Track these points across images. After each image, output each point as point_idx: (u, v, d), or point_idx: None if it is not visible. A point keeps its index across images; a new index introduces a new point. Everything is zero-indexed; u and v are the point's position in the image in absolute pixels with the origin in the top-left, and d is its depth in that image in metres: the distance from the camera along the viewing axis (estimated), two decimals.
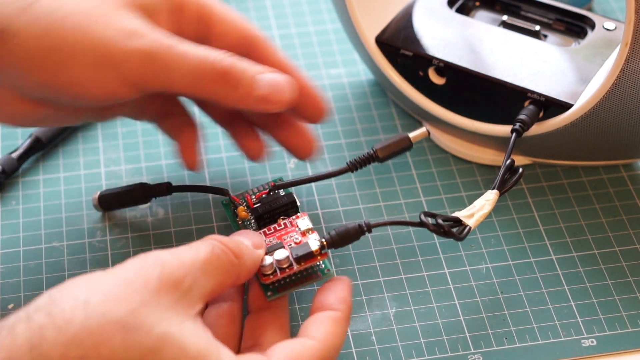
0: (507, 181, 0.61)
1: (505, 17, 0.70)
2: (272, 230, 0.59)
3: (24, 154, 0.69)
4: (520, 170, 0.61)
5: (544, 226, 0.65)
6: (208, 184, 0.68)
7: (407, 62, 0.68)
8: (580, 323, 0.59)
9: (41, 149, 0.70)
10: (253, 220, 0.61)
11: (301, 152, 0.64)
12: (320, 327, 0.53)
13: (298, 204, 0.61)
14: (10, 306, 0.61)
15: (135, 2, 0.58)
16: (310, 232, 0.58)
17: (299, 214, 0.59)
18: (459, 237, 0.57)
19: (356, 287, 0.62)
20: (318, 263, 0.57)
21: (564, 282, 0.62)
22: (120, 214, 0.66)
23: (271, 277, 0.55)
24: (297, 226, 0.59)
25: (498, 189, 0.60)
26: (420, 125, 0.71)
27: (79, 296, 0.47)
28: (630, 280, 0.62)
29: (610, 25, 0.68)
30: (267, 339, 0.54)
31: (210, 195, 0.67)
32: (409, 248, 0.64)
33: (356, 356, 0.58)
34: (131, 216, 0.66)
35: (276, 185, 0.62)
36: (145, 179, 0.68)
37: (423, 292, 0.61)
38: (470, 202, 0.66)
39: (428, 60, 0.67)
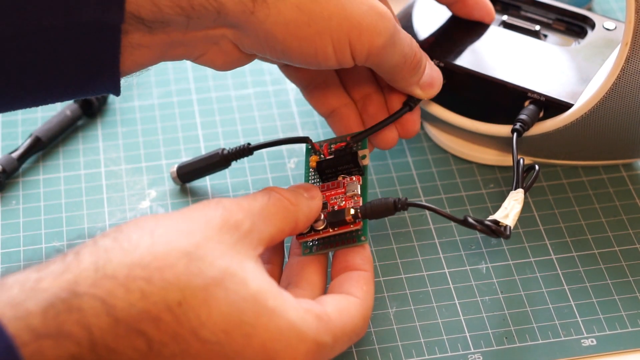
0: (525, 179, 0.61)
1: (505, 17, 0.70)
2: (325, 188, 0.60)
3: (24, 153, 0.69)
4: (537, 167, 0.60)
5: (544, 226, 0.65)
6: (208, 186, 0.68)
7: None
8: (580, 323, 0.59)
9: (41, 149, 0.70)
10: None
11: (384, 143, 0.65)
12: (357, 286, 0.55)
13: (362, 164, 0.62)
14: None
15: None
16: (355, 197, 0.59)
17: (353, 177, 0.60)
18: (506, 235, 0.57)
19: None
20: (352, 229, 0.58)
21: (563, 281, 0.62)
22: (120, 214, 0.66)
23: (306, 236, 0.57)
24: (346, 187, 0.60)
25: (522, 188, 0.60)
26: (421, 125, 0.71)
27: (145, 227, 0.49)
28: (630, 280, 0.62)
29: (610, 25, 0.68)
30: (304, 277, 0.56)
31: (211, 196, 0.67)
32: (409, 248, 0.64)
33: (356, 356, 0.58)
34: (131, 216, 0.66)
35: (353, 138, 0.63)
36: (146, 178, 0.68)
37: (423, 292, 0.61)
38: (471, 202, 0.66)
39: None
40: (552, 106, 0.64)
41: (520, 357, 0.58)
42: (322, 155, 0.62)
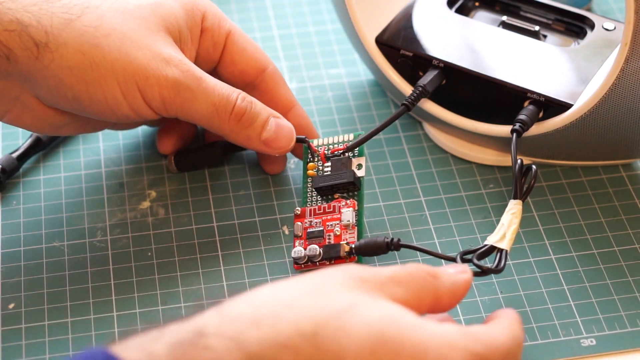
0: (523, 184, 0.61)
1: (505, 18, 0.70)
2: (322, 211, 0.62)
3: (25, 153, 0.69)
4: (534, 168, 0.60)
5: (543, 226, 0.65)
6: (208, 187, 0.68)
7: (407, 62, 0.68)
8: (580, 323, 0.59)
9: (42, 149, 0.70)
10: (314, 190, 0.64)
11: (270, 169, 0.68)
12: (504, 322, 0.51)
13: (357, 175, 0.62)
14: (10, 306, 0.61)
15: (167, 28, 0.61)
16: (351, 227, 0.61)
17: (348, 202, 0.61)
18: (498, 270, 0.57)
19: None
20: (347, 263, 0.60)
21: (563, 281, 0.62)
22: (121, 214, 0.66)
23: (302, 266, 0.61)
24: (342, 215, 0.61)
25: (519, 198, 0.60)
26: (421, 125, 0.72)
27: (262, 287, 0.48)
28: (629, 279, 0.62)
29: (609, 25, 0.68)
30: None
31: (211, 196, 0.67)
32: None
33: None
34: (131, 216, 0.66)
35: (348, 147, 0.64)
36: (146, 178, 0.68)
37: None
38: (470, 202, 0.66)
39: (428, 60, 0.67)
40: (552, 106, 0.64)
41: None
42: (319, 160, 0.64)
